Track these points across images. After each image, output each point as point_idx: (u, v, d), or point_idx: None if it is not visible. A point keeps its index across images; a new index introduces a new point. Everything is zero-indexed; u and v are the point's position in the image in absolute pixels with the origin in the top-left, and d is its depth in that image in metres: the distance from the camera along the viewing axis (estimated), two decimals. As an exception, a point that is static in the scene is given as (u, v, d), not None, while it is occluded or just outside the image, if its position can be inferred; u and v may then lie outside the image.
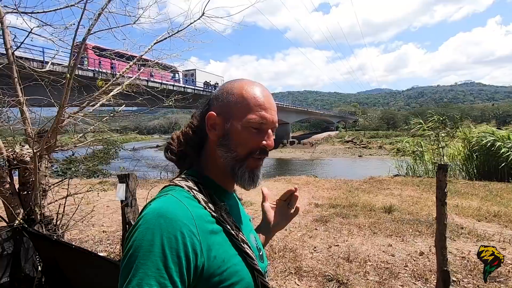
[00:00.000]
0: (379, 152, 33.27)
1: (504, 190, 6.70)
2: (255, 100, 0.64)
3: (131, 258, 0.50)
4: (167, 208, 0.53)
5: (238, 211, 0.72)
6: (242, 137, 0.63)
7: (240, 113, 0.63)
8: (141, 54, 2.89)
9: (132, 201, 3.01)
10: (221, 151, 0.65)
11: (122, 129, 5.59)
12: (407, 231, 3.98)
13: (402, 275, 2.79)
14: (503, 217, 4.63)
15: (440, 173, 1.77)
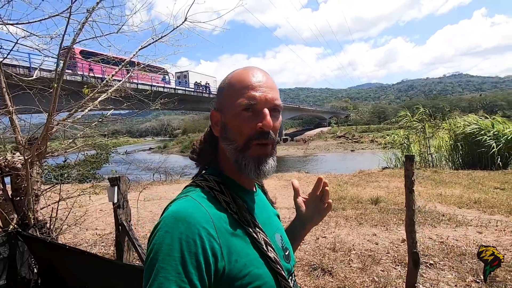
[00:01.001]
0: (371, 146, 33.73)
1: (486, 177, 6.97)
2: (241, 82, 0.61)
3: (152, 261, 0.49)
4: (186, 211, 0.52)
5: (263, 209, 0.69)
6: (236, 125, 0.60)
7: (230, 101, 0.61)
8: (126, 61, 2.97)
9: (123, 203, 3.11)
10: (225, 145, 0.63)
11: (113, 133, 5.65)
12: (391, 220, 4.16)
13: (383, 261, 2.95)
14: (482, 203, 4.85)
15: (407, 163, 1.92)
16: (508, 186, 5.99)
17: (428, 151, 10.08)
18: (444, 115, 18.89)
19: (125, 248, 3.10)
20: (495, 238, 3.38)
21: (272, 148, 0.62)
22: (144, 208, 5.61)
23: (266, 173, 0.60)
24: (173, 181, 9.26)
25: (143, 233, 4.09)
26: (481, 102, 63.60)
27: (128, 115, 5.93)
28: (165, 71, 27.58)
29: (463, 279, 2.50)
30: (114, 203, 2.99)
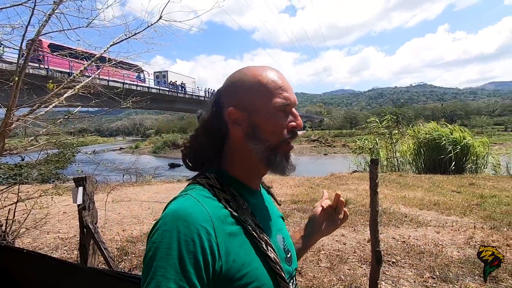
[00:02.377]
0: (343, 150, 34.92)
1: (445, 181, 7.50)
2: (274, 83, 0.61)
3: (150, 260, 0.49)
4: (185, 209, 0.52)
5: (265, 210, 0.69)
6: (272, 125, 0.60)
7: (264, 100, 0.60)
8: (97, 56, 2.86)
9: (89, 204, 2.97)
10: (252, 145, 0.61)
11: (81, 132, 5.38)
12: (359, 221, 4.35)
13: (350, 260, 3.08)
14: (441, 205, 5.21)
15: (372, 166, 2.03)
16: (464, 190, 6.49)
17: (394, 155, 10.65)
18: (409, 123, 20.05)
19: (90, 251, 2.96)
20: (450, 237, 3.65)
21: (292, 146, 0.66)
22: (112, 210, 5.38)
23: (294, 167, 0.64)
24: (144, 182, 8.98)
25: (110, 236, 3.93)
26: (442, 111, 68.34)
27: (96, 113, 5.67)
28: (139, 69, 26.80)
29: (421, 275, 2.68)
30: (78, 204, 2.85)
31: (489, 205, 5.13)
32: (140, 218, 4.84)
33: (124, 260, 3.10)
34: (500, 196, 5.71)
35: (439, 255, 3.11)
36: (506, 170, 8.93)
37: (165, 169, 25.79)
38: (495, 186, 6.82)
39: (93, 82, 3.29)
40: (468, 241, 3.48)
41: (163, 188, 7.76)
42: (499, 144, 22.81)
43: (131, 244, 3.55)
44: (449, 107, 73.11)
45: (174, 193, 2.74)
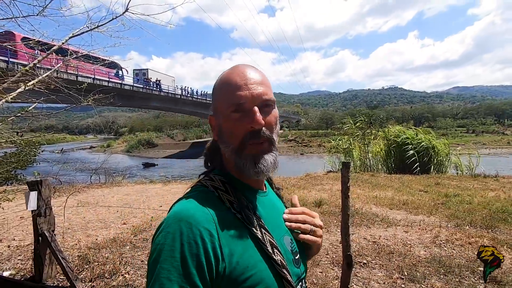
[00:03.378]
0: (319, 150, 35.69)
1: (413, 181, 7.83)
2: (228, 84, 0.60)
3: (154, 262, 0.50)
4: (188, 211, 0.52)
5: (271, 211, 0.67)
6: (228, 127, 0.60)
7: (220, 104, 0.61)
8: (53, 49, 2.63)
9: (46, 210, 2.72)
10: (223, 148, 0.63)
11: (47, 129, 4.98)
12: (332, 222, 4.38)
13: (323, 262, 3.07)
14: (409, 204, 5.41)
15: (344, 169, 2.02)
16: (430, 189, 6.80)
17: (367, 156, 10.98)
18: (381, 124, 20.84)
19: (46, 261, 2.72)
20: (418, 236, 3.77)
21: (269, 145, 0.61)
22: (76, 214, 5.05)
23: (264, 170, 0.59)
24: (114, 183, 8.55)
25: (72, 243, 3.66)
26: (411, 113, 71.93)
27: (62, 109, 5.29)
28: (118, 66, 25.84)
29: (391, 276, 2.72)
30: (33, 210, 2.60)
31: (453, 204, 5.40)
32: (107, 222, 4.57)
33: (85, 270, 2.88)
34: (462, 195, 6.04)
35: (408, 254, 3.19)
36: (469, 170, 9.50)
37: (139, 169, 24.93)
38: (458, 186, 7.22)
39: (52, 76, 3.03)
40: (434, 240, 3.61)
41: (134, 189, 7.42)
42: (461, 145, 24.38)
43: (94, 251, 3.32)
44: (418, 110, 77.10)
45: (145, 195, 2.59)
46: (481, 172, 9.01)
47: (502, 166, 14.34)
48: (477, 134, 51.47)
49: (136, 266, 2.99)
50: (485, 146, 39.71)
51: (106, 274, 2.79)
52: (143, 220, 4.62)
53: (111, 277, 2.75)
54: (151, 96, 29.59)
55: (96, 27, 2.62)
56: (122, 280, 2.70)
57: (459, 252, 3.26)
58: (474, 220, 4.33)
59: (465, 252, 3.26)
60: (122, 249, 3.41)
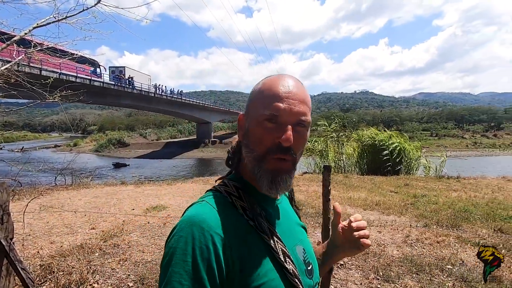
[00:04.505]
0: (294, 151, 36.20)
1: (384, 182, 8.16)
2: (270, 90, 0.58)
3: (167, 265, 0.50)
4: (201, 216, 0.52)
5: (284, 219, 0.66)
6: (257, 133, 0.58)
7: (255, 107, 0.59)
8: (15, 39, 2.39)
9: (3, 217, 2.47)
10: (244, 152, 0.62)
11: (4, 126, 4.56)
12: (309, 223, 4.43)
13: (301, 265, 3.08)
14: (381, 205, 5.61)
15: (325, 173, 2.02)
16: (400, 190, 7.12)
17: (341, 158, 11.29)
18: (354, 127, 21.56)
19: (3, 273, 2.46)
20: (390, 236, 3.91)
21: (291, 165, 0.59)
22: (39, 219, 4.67)
23: (279, 189, 0.58)
24: (81, 185, 8.06)
25: (34, 251, 3.37)
26: (381, 117, 75.34)
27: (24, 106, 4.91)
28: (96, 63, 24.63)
29: (367, 276, 2.78)
30: (-13, 217, 2.34)
31: (421, 204, 5.69)
32: (74, 227, 4.27)
33: (48, 280, 2.65)
34: (429, 196, 6.38)
35: (382, 255, 3.29)
36: (435, 172, 10.08)
37: (109, 169, 23.82)
38: (425, 186, 7.63)
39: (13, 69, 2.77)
40: (405, 240, 3.76)
41: (103, 191, 7.03)
42: (426, 148, 25.99)
43: (59, 260, 3.07)
44: (387, 114, 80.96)
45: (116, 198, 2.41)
46: (445, 174, 9.59)
47: (462, 168, 15.43)
48: (439, 137, 55.05)
49: (106, 275, 2.80)
50: (447, 149, 42.60)
51: (72, 284, 2.59)
52: (114, 224, 4.37)
53: (78, 287, 2.55)
54: (123, 94, 28.38)
55: (65, 18, 2.43)
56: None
57: (428, 251, 3.42)
58: (440, 220, 4.58)
59: (434, 250, 3.42)
60: (91, 256, 3.19)
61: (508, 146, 48.16)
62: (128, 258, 3.17)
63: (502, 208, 5.38)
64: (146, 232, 4.01)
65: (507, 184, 8.09)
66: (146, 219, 4.59)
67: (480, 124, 66.76)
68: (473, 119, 69.80)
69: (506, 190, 7.22)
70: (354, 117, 63.01)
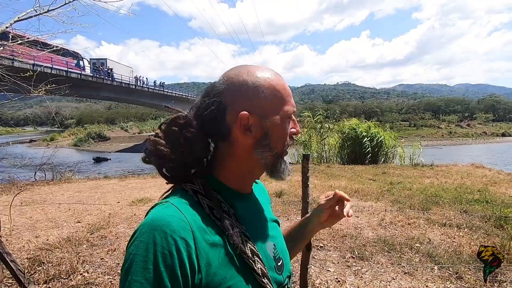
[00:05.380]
0: (278, 143, 36.60)
1: (363, 171, 8.54)
2: (285, 89, 0.61)
3: (126, 273, 0.47)
4: (163, 219, 0.49)
5: (256, 215, 0.65)
6: (281, 132, 0.59)
7: (277, 107, 0.59)
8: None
9: (-11, 210, 2.49)
10: (260, 152, 0.59)
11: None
12: (292, 211, 4.64)
13: (284, 248, 3.28)
14: (360, 192, 5.93)
15: (304, 161, 2.19)
16: (378, 178, 7.50)
17: (323, 148, 11.64)
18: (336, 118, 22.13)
19: (-9, 266, 2.50)
20: (367, 220, 4.19)
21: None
22: (21, 214, 4.62)
23: (290, 170, 0.65)
24: (63, 180, 7.92)
25: (20, 245, 3.38)
26: (362, 108, 77.19)
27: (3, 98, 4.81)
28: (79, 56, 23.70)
29: (344, 256, 3.02)
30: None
31: (397, 190, 6.05)
32: (58, 221, 4.27)
33: (37, 272, 2.70)
34: (404, 183, 6.78)
35: (358, 237, 3.55)
36: (410, 160, 10.62)
37: (89, 164, 23.21)
38: (401, 174, 8.06)
39: None
40: (380, 223, 4.05)
41: (86, 186, 6.96)
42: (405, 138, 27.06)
43: (46, 252, 3.11)
44: (368, 105, 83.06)
45: (100, 191, 2.56)
46: (420, 162, 10.13)
47: (436, 156, 16.25)
48: (417, 127, 57.27)
49: (96, 264, 2.89)
50: (424, 139, 44.42)
51: (62, 274, 2.66)
52: (100, 217, 4.41)
53: (68, 277, 2.63)
54: (102, 86, 27.50)
55: (47, 11, 2.42)
56: (81, 279, 2.60)
57: (400, 232, 3.72)
58: (413, 204, 4.92)
59: (405, 231, 3.72)
60: (78, 248, 3.25)
61: (480, 135, 50.91)
62: (117, 248, 3.25)
63: (469, 192, 5.83)
64: (133, 224, 4.08)
65: (475, 171, 8.69)
66: (132, 211, 4.65)
67: (455, 114, 69.87)
68: (449, 110, 72.91)
69: (474, 176, 7.77)
70: (337, 108, 64.18)
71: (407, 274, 2.66)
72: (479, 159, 14.86)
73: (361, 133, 10.70)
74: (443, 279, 2.56)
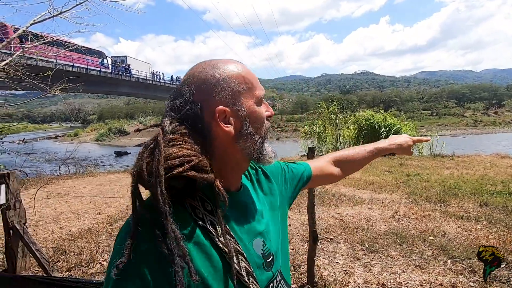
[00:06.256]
0: (294, 135, 36.39)
1: (380, 162, 8.35)
2: (252, 76, 0.62)
3: (107, 283, 0.46)
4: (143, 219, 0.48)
5: (243, 213, 0.63)
6: (258, 117, 0.61)
7: (249, 93, 0.60)
8: (14, 36, 2.50)
9: (15, 203, 2.68)
10: (242, 143, 0.59)
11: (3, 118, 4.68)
12: (304, 203, 4.63)
13: (294, 240, 3.31)
14: (375, 184, 5.83)
15: (309, 153, 2.19)
16: (394, 169, 7.33)
17: (338, 140, 11.46)
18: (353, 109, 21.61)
19: (19, 254, 2.71)
20: (380, 212, 4.14)
21: None
22: (47, 207, 4.92)
23: (274, 153, 0.64)
24: (85, 174, 8.30)
25: (45, 235, 3.61)
26: (381, 97, 74.84)
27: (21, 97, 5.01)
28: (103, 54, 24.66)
29: (353, 248, 3.01)
30: (1, 204, 2.55)
31: (413, 182, 5.90)
32: (80, 213, 4.51)
33: (61, 260, 2.89)
34: (422, 174, 6.59)
35: (370, 229, 3.52)
36: (429, 151, 10.26)
37: (111, 158, 24.07)
38: (419, 165, 7.83)
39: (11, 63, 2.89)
40: (393, 215, 3.99)
41: (107, 179, 7.27)
42: (426, 127, 26.08)
43: (69, 242, 3.32)
44: (387, 94, 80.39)
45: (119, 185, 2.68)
46: (439, 152, 9.77)
47: (459, 146, 15.58)
48: (440, 116, 54.90)
49: (114, 254, 3.04)
50: (447, 128, 42.63)
51: (83, 263, 2.83)
52: (119, 209, 4.61)
53: (88, 266, 2.79)
54: (120, 82, 28.26)
55: (60, 13, 2.52)
56: (100, 267, 2.76)
57: (414, 224, 3.65)
58: (429, 196, 4.79)
59: (419, 224, 3.65)
60: (98, 239, 3.43)
61: (508, 123, 48.13)
62: (133, 239, 3.40)
63: (491, 183, 5.59)
64: (149, 215, 4.24)
65: (500, 161, 8.28)
66: (149, 204, 4.82)
67: (481, 101, 66.30)
68: (474, 97, 69.27)
69: (498, 166, 7.42)
70: (354, 98, 62.60)
71: (418, 267, 2.63)
72: (506, 149, 14.11)
73: (377, 123, 10.44)
74: (455, 272, 2.51)
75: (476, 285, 2.31)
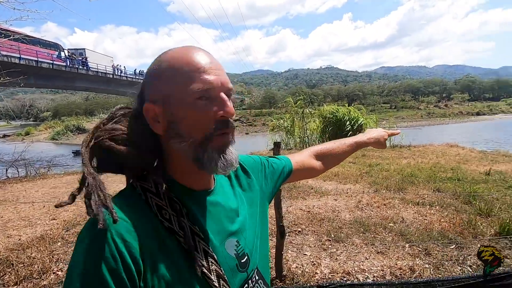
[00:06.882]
0: (263, 129, 36.65)
1: (344, 154, 8.70)
2: (189, 65, 0.51)
3: (67, 279, 0.43)
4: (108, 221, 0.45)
5: (215, 212, 0.58)
6: (192, 117, 0.50)
7: (179, 88, 0.50)
8: None
9: None
10: (175, 143, 0.52)
11: None
12: (272, 197, 4.68)
13: (263, 235, 3.31)
14: (340, 175, 6.05)
15: (275, 148, 2.18)
16: (358, 160, 7.67)
17: (305, 133, 11.74)
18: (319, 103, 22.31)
19: (-45, 271, 2.39)
20: (345, 203, 4.30)
21: (232, 137, 0.55)
22: (-9, 214, 4.42)
23: (232, 163, 0.53)
24: (37, 176, 7.62)
25: (-12, 247, 3.24)
26: (345, 92, 78.00)
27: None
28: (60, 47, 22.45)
29: (320, 239, 3.09)
30: None
31: (375, 172, 6.22)
32: (32, 220, 4.12)
33: (7, 273, 2.61)
34: (382, 164, 6.97)
35: (335, 219, 3.63)
36: (389, 142, 10.91)
37: (69, 158, 22.44)
38: (380, 156, 8.28)
39: None
40: (357, 205, 4.16)
41: (63, 181, 6.74)
42: (386, 120, 27.72)
43: (18, 252, 3.01)
44: (351, 88, 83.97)
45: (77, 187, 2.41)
46: (398, 143, 10.43)
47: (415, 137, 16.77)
48: (398, 109, 58.63)
49: (70, 262, 2.82)
50: (404, 120, 45.70)
51: (34, 274, 2.59)
52: (76, 213, 4.29)
53: (40, 277, 2.56)
54: (77, 76, 26.28)
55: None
56: (54, 278, 2.54)
57: (375, 213, 3.84)
58: (389, 185, 5.08)
59: (380, 212, 3.85)
60: (53, 246, 3.16)
61: (456, 115, 52.83)
62: (93, 244, 3.18)
63: (443, 171, 6.08)
64: (110, 218, 4.00)
65: (450, 150, 9.05)
66: (111, 205, 4.55)
67: (433, 95, 71.91)
68: (428, 91, 74.89)
69: (448, 155, 8.10)
70: (320, 93, 64.59)
71: (380, 254, 2.76)
72: (455, 138, 15.47)
73: (342, 117, 10.85)
74: (413, 256, 2.68)
75: (431, 267, 2.49)
